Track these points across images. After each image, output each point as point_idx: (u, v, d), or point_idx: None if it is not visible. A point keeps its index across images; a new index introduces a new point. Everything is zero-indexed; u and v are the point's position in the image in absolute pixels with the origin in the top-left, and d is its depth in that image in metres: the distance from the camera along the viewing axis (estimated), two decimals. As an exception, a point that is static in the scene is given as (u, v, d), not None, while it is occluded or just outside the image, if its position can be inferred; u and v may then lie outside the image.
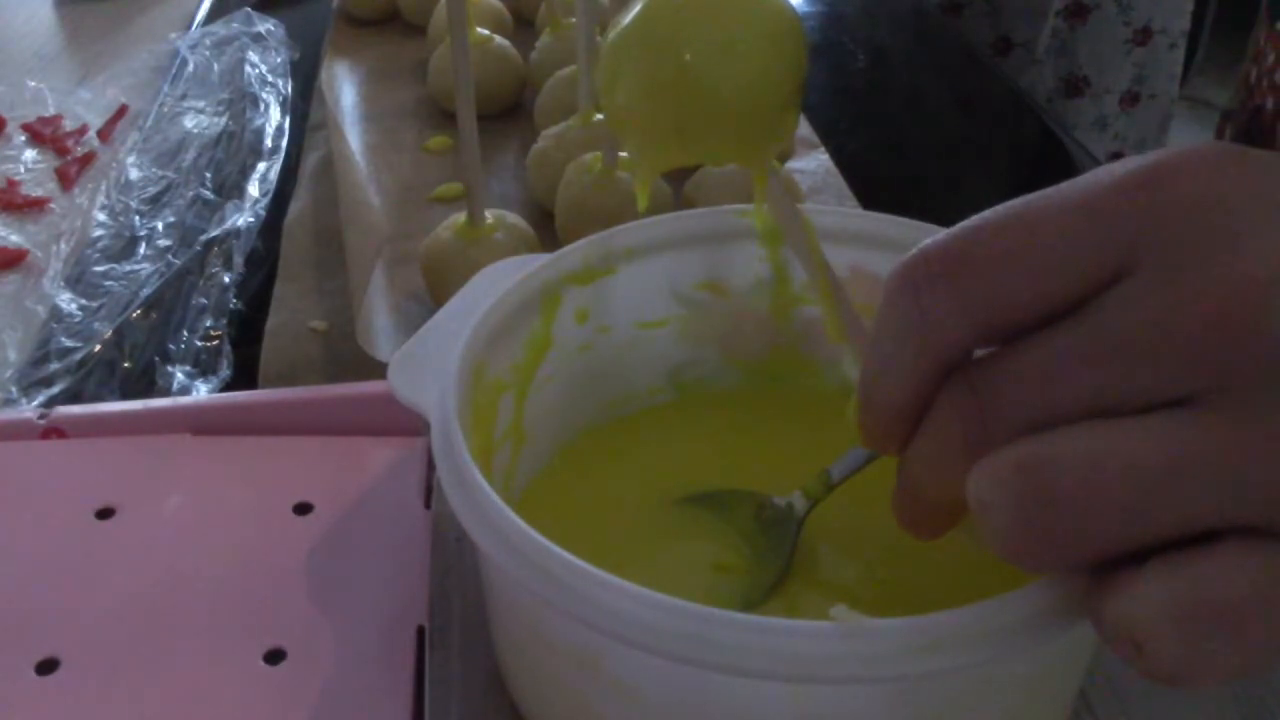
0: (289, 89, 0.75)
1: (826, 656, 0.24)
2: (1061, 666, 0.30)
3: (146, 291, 0.57)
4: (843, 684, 0.24)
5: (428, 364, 0.34)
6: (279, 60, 0.77)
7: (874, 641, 0.24)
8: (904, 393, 0.25)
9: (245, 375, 0.51)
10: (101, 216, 0.63)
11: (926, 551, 0.35)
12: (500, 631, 0.33)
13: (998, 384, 0.23)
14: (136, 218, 0.63)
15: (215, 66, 0.77)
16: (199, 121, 0.71)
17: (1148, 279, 0.22)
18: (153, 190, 0.65)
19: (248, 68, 0.76)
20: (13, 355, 0.53)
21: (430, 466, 0.40)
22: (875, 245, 0.38)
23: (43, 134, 0.72)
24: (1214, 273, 0.21)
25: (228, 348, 0.53)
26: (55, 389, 0.50)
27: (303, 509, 0.37)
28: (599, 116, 0.58)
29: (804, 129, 0.65)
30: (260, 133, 0.69)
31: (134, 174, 0.67)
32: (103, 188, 0.66)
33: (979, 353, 0.25)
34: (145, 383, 0.51)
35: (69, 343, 0.53)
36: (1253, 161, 0.23)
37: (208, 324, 0.54)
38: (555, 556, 0.26)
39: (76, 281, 0.58)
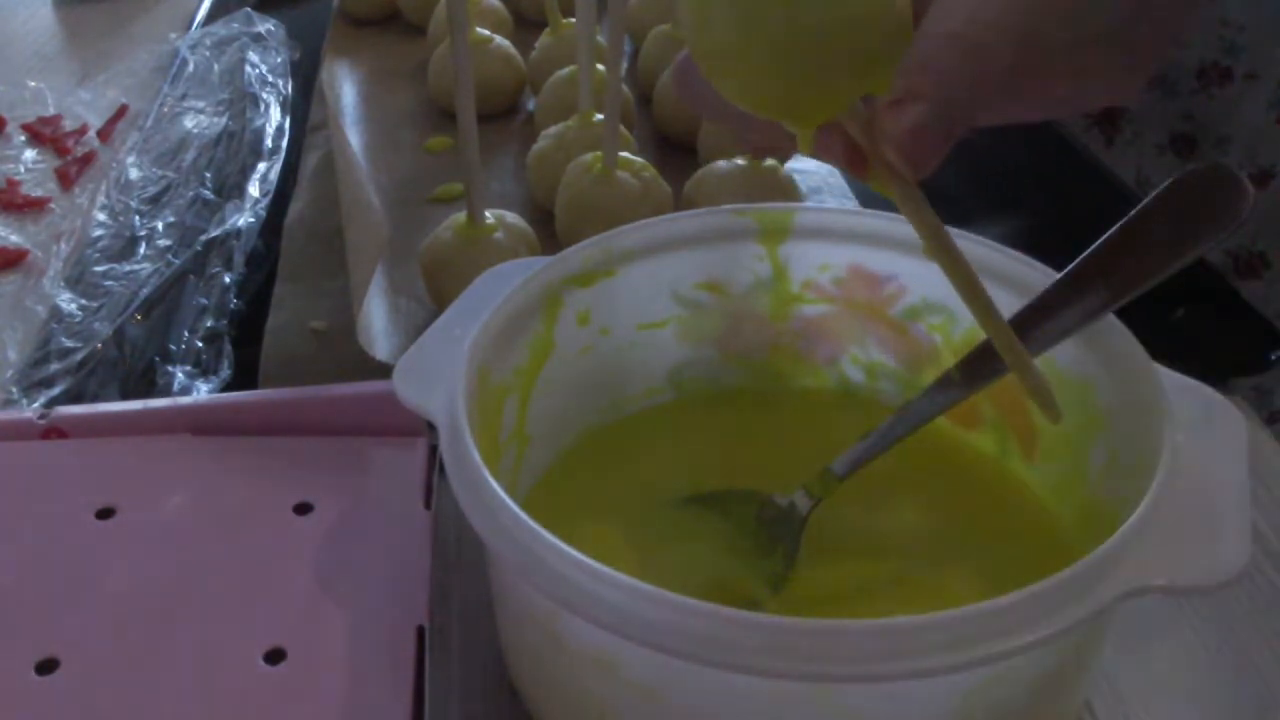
0: (289, 89, 0.75)
1: (851, 656, 0.24)
2: (1073, 668, 0.30)
3: (146, 291, 0.56)
4: (870, 683, 0.24)
5: (432, 369, 0.33)
6: (279, 60, 0.77)
7: (897, 640, 0.24)
8: None
9: (245, 375, 0.51)
10: (101, 216, 0.63)
11: (931, 548, 0.35)
12: (513, 636, 0.33)
13: None
14: (136, 218, 0.63)
15: (215, 66, 0.77)
16: (199, 121, 0.71)
17: None
18: (153, 190, 0.65)
19: (248, 68, 0.76)
20: (13, 355, 0.53)
21: (430, 466, 0.40)
22: (875, 244, 0.38)
23: (43, 134, 0.72)
24: None
25: (228, 348, 0.53)
26: (56, 389, 0.50)
27: (303, 509, 0.37)
28: (599, 117, 0.58)
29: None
30: (260, 133, 0.69)
31: (134, 174, 0.67)
32: (103, 188, 0.66)
33: None
34: (145, 383, 0.51)
35: (69, 343, 0.53)
36: None
37: (208, 324, 0.54)
38: (575, 562, 0.26)
39: (76, 281, 0.58)
